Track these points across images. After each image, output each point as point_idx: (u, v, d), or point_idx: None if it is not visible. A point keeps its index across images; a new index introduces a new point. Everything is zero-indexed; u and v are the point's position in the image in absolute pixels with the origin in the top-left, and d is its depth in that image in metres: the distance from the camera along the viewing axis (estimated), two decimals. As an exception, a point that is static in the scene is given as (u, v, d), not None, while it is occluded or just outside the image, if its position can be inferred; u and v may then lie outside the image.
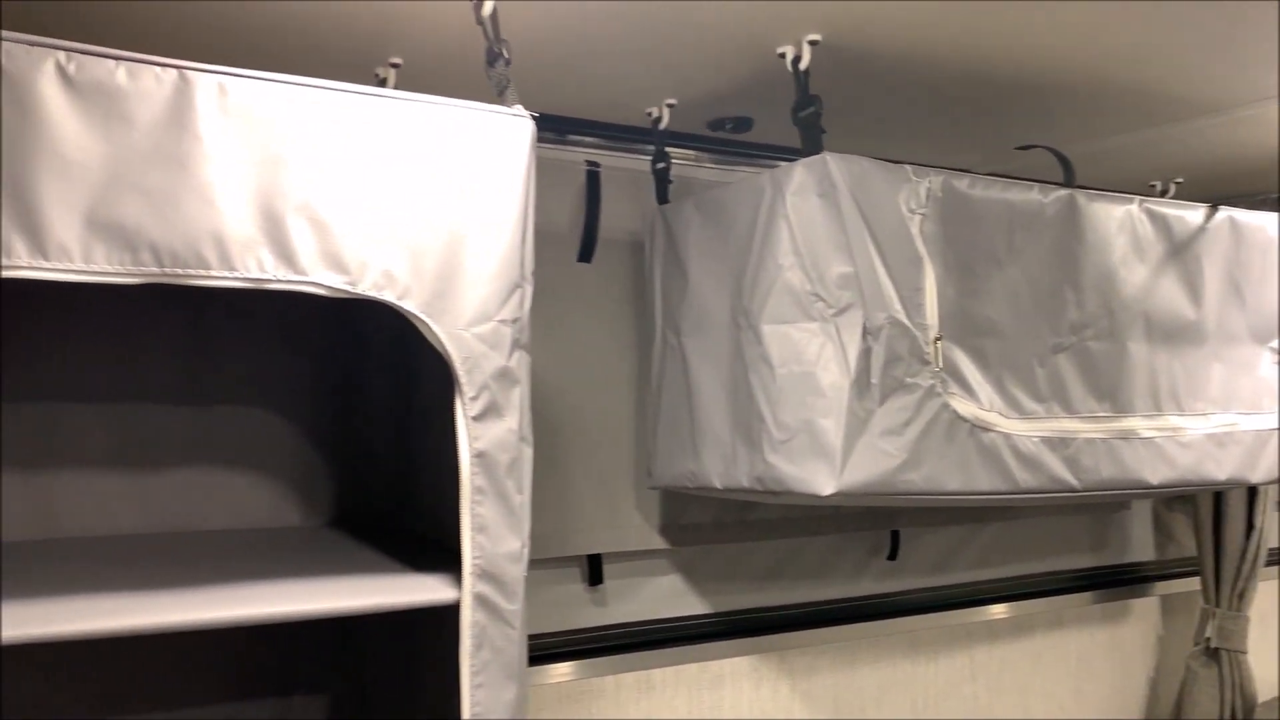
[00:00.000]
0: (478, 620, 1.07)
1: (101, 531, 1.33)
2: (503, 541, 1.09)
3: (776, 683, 1.91)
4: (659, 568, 1.82)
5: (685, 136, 1.79)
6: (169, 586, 1.03)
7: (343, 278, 1.01)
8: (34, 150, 0.88)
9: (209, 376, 1.40)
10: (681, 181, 1.75)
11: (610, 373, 1.75)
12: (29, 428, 1.30)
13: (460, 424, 1.07)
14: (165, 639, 1.34)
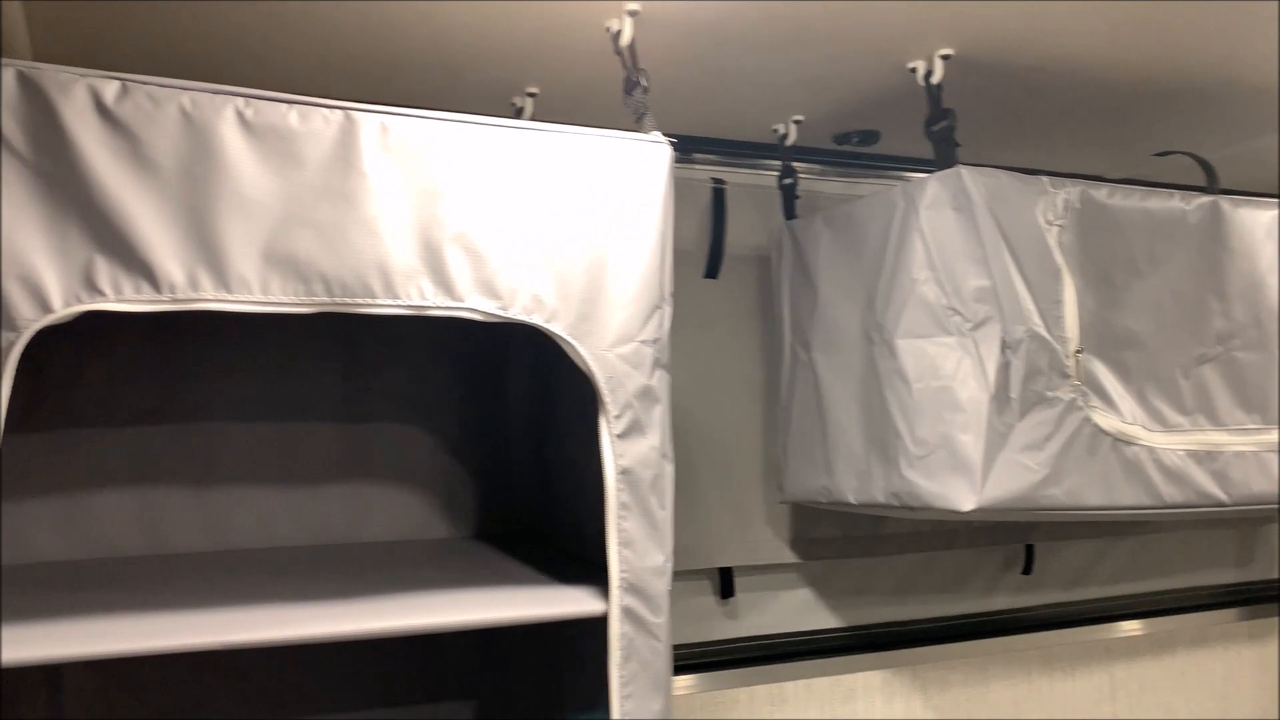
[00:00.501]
0: (625, 632, 1.10)
1: (264, 544, 1.41)
2: (648, 556, 1.12)
3: (909, 697, 1.90)
4: (789, 581, 1.83)
5: (811, 151, 1.79)
6: (333, 598, 1.09)
7: (495, 303, 1.06)
8: (217, 190, 0.95)
9: (361, 396, 1.47)
10: (807, 196, 1.76)
11: (738, 387, 1.77)
12: (198, 446, 1.38)
13: (605, 442, 1.10)
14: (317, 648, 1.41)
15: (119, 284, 0.91)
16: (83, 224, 0.90)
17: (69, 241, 0.90)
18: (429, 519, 1.50)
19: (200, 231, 0.94)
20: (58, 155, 0.90)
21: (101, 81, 0.92)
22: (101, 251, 0.91)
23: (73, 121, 0.91)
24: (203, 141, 0.95)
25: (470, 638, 1.50)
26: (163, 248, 0.92)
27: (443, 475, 1.51)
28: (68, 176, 0.90)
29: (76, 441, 1.31)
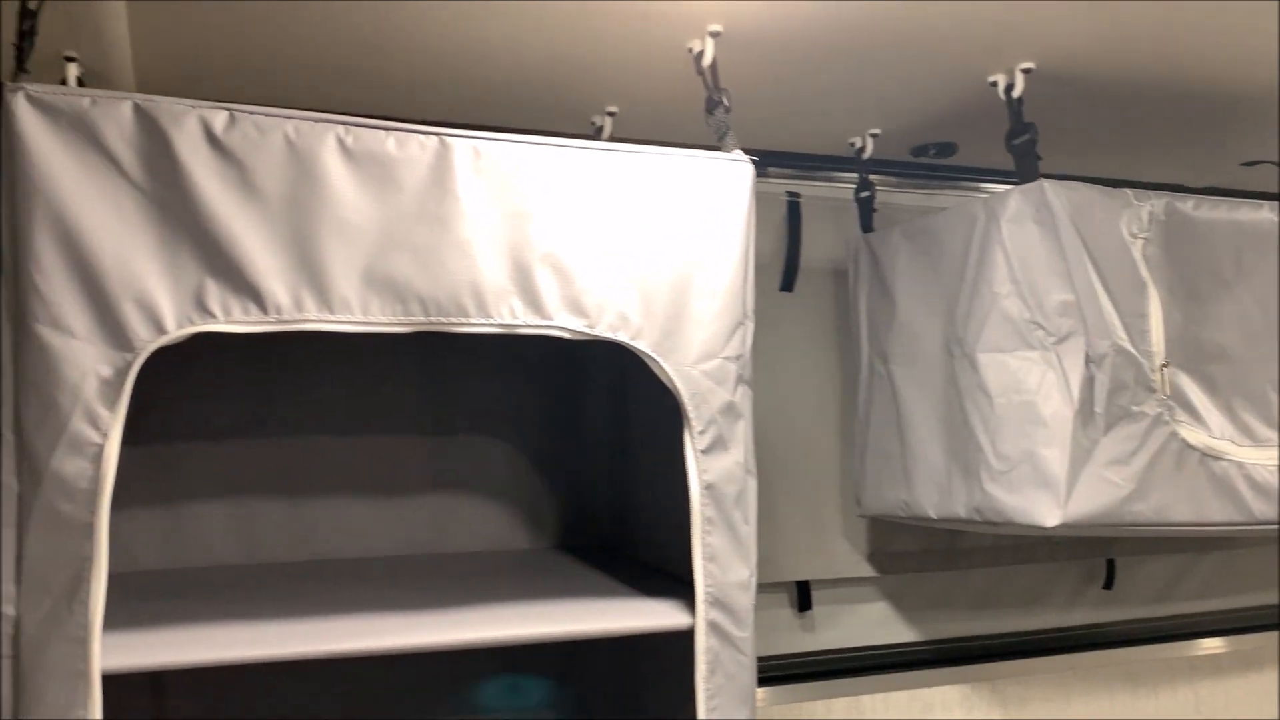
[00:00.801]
0: (711, 646, 1.11)
1: (353, 554, 1.44)
2: (732, 570, 1.13)
3: (988, 712, 1.88)
4: (866, 595, 1.83)
5: (888, 163, 1.79)
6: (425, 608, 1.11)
7: (583, 321, 1.08)
8: (319, 215, 0.99)
9: (447, 410, 1.50)
10: (883, 208, 1.76)
11: (815, 400, 1.77)
12: (289, 459, 1.42)
13: (689, 457, 1.12)
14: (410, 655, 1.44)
15: (228, 306, 0.95)
16: (194, 249, 0.94)
17: (181, 266, 0.94)
18: (511, 530, 1.53)
19: (304, 255, 0.98)
20: (171, 183, 0.95)
21: (211, 112, 0.96)
22: (212, 275, 0.95)
23: (185, 151, 0.95)
24: (306, 168, 0.99)
25: (555, 649, 1.52)
26: (269, 271, 0.96)
27: (524, 488, 1.54)
28: (180, 203, 0.95)
29: (176, 455, 1.37)
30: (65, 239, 0.91)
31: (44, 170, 0.91)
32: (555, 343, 1.51)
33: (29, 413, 0.91)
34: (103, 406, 0.91)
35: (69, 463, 0.90)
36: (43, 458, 0.90)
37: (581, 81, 1.42)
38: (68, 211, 0.91)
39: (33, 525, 0.90)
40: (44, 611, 0.90)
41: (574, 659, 1.53)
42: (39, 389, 0.90)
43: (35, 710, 0.89)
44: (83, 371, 0.90)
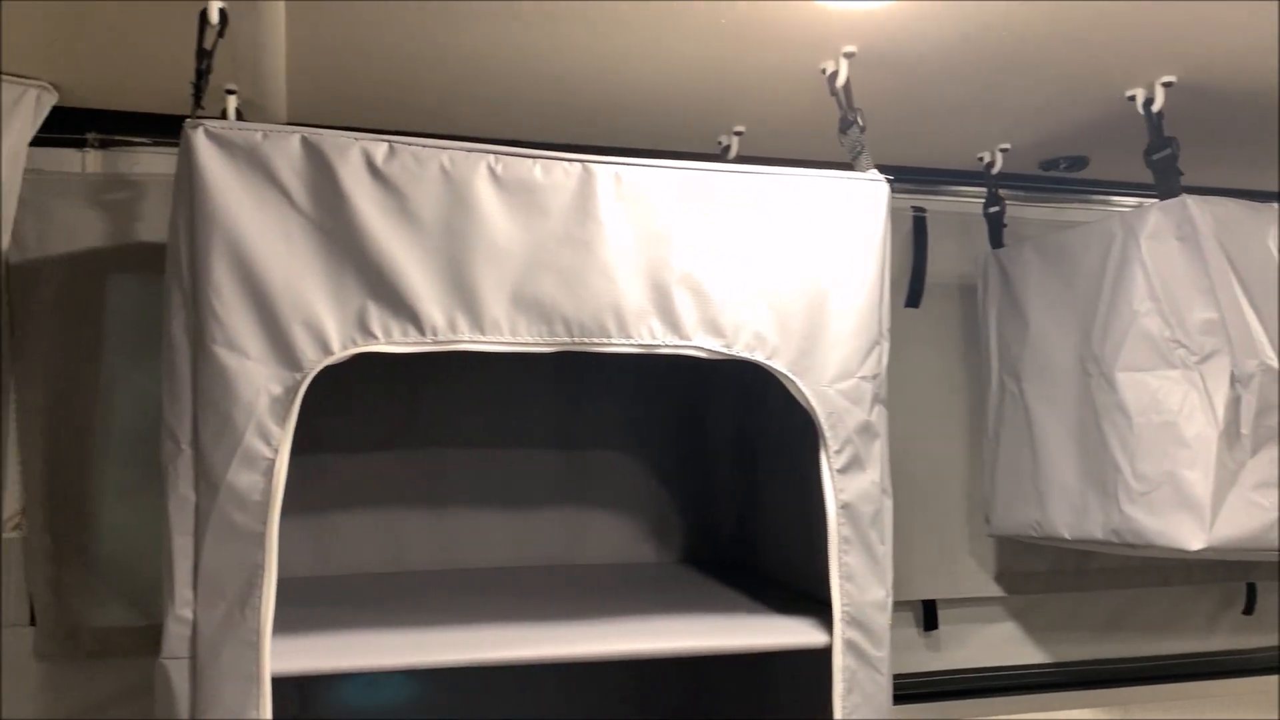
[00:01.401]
0: (848, 665, 1.12)
1: (490, 563, 1.49)
2: (869, 590, 1.13)
3: (1120, 739, 1.84)
4: (993, 615, 1.80)
5: (1016, 177, 1.77)
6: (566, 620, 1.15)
7: (719, 341, 1.10)
8: (472, 240, 1.03)
9: (577, 426, 1.54)
10: (1011, 223, 1.74)
11: (941, 417, 1.76)
12: (430, 472, 1.48)
13: (825, 476, 1.13)
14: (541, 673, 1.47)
15: (389, 328, 1.00)
16: (357, 274, 0.99)
17: (345, 290, 0.99)
18: (638, 544, 1.55)
19: (457, 278, 1.02)
20: (336, 212, 1.00)
21: (373, 144, 1.01)
22: (373, 298, 1.00)
23: (349, 181, 1.00)
24: (459, 196, 1.03)
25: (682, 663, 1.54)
26: (426, 294, 1.00)
27: (653, 502, 1.57)
28: (344, 231, 1.00)
29: (325, 467, 1.43)
30: (240, 265, 0.97)
31: (220, 201, 0.97)
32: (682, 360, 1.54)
33: (206, 429, 0.97)
34: (274, 423, 0.96)
35: (243, 476, 0.95)
36: (219, 471, 0.96)
37: (710, 103, 1.44)
38: (242, 239, 0.97)
39: (209, 535, 0.96)
40: (219, 616, 0.95)
41: (701, 673, 1.55)
42: (216, 406, 0.96)
43: (211, 710, 0.94)
44: (256, 390, 0.96)
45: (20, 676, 1.37)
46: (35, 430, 1.37)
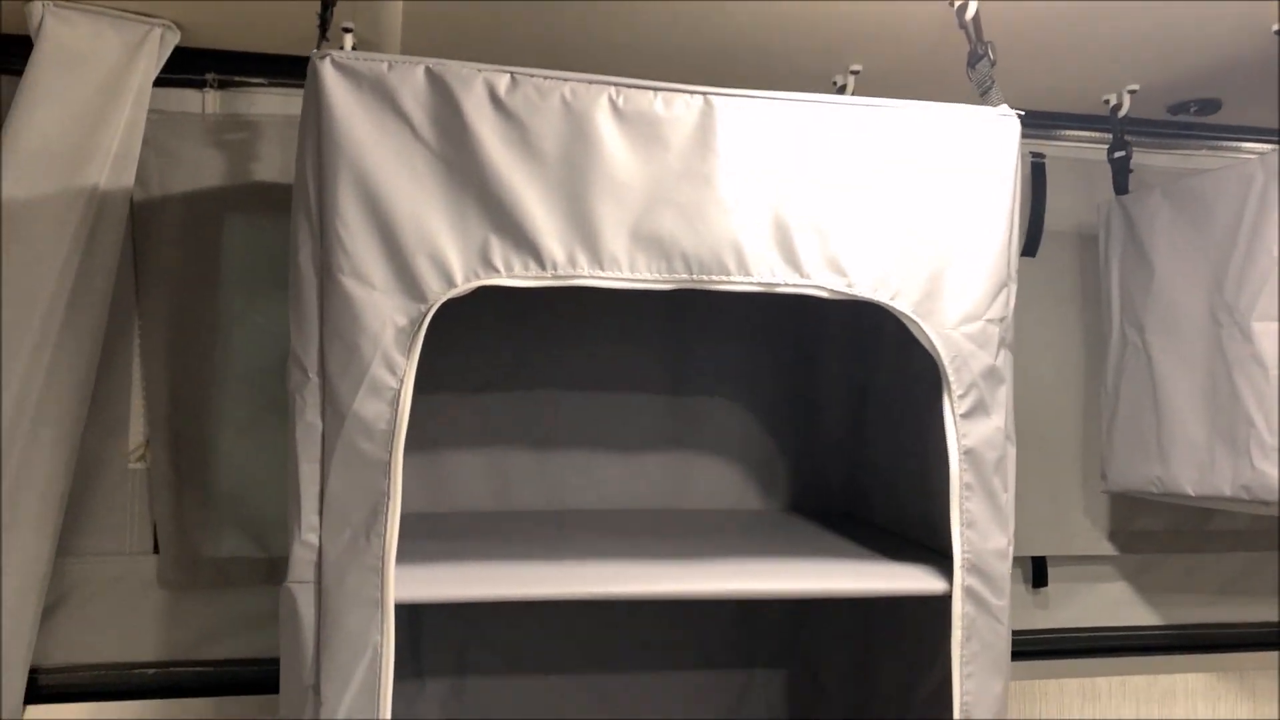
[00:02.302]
0: (968, 613, 1.09)
1: (592, 505, 1.49)
2: (990, 538, 1.11)
3: (1235, 704, 1.78)
4: (1105, 574, 1.75)
5: (1142, 122, 1.69)
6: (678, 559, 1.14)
7: (841, 281, 1.07)
8: (592, 174, 1.01)
9: (684, 371, 1.52)
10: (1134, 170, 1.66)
11: (1056, 370, 1.70)
12: (538, 414, 1.48)
13: (948, 421, 1.10)
14: (649, 608, 1.48)
15: (510, 262, 0.99)
16: (479, 206, 0.99)
17: (468, 222, 0.99)
18: (745, 490, 1.54)
19: (577, 213, 1.01)
20: (459, 143, 0.99)
21: (495, 75, 1.00)
22: (495, 232, 0.99)
23: (472, 112, 0.99)
24: (580, 128, 1.01)
25: (785, 609, 1.53)
26: (546, 228, 1.00)
27: (758, 449, 1.55)
28: (467, 163, 0.99)
29: (436, 406, 1.44)
30: (366, 196, 0.97)
31: (346, 131, 0.98)
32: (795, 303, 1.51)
33: (333, 359, 0.98)
34: (399, 353, 0.97)
35: (369, 405, 0.96)
36: (345, 400, 0.97)
37: (826, 41, 1.40)
38: (367, 170, 0.97)
39: (335, 462, 0.97)
40: (344, 542, 0.97)
41: (807, 621, 1.54)
42: (343, 336, 0.97)
43: (335, 634, 0.96)
44: (382, 320, 0.97)
45: (143, 603, 1.42)
46: (158, 365, 1.41)
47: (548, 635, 1.46)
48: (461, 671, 1.44)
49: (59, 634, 1.39)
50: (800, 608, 1.53)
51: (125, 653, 1.41)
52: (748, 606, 1.51)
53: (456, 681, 1.43)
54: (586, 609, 1.46)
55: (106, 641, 1.41)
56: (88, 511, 1.40)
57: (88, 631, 1.40)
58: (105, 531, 1.41)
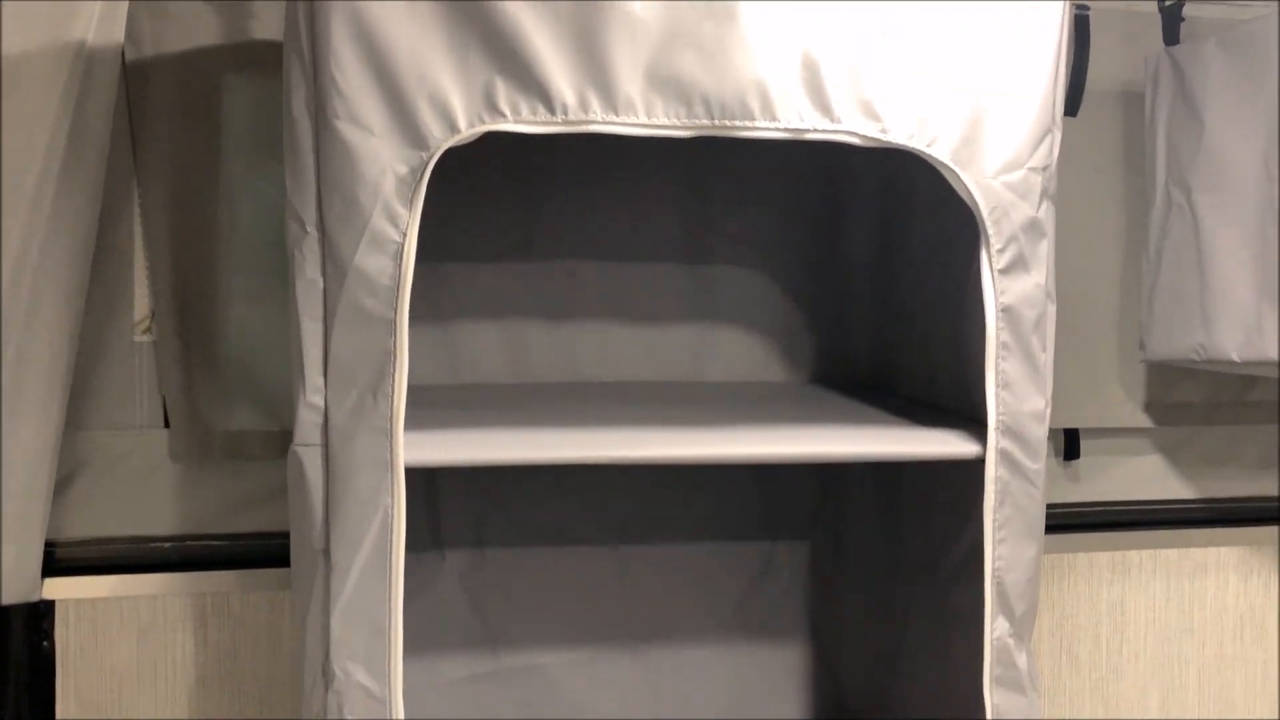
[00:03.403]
0: (1001, 476, 1.05)
1: (611, 377, 1.45)
2: (1027, 399, 1.06)
3: (1268, 579, 1.75)
4: (1139, 447, 1.70)
5: (1196, -32, 1.58)
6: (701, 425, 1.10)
7: (875, 126, 1.00)
8: (606, 10, 0.94)
9: (705, 238, 1.46)
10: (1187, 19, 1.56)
11: (1094, 234, 1.62)
12: (554, 283, 1.43)
13: (985, 277, 1.04)
14: (670, 480, 1.45)
15: (516, 105, 0.93)
16: (483, 45, 0.92)
17: (471, 64, 0.92)
18: (768, 362, 1.49)
19: (589, 52, 0.94)
20: (459, -24, 0.92)
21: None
22: (500, 73, 0.92)
23: (474, -58, 0.91)
24: (590, -40, 0.94)
25: (809, 481, 1.50)
26: (556, 69, 0.93)
27: (781, 320, 1.50)
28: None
29: (448, 275, 1.39)
30: (361, 34, 0.90)
31: (338, -36, 0.90)
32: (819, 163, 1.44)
33: (331, 211, 0.92)
34: (401, 205, 0.91)
35: (371, 259, 0.91)
36: (346, 254, 0.92)
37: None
38: (363, 7, 0.90)
39: (338, 320, 0.93)
40: (351, 403, 0.93)
41: (830, 493, 1.50)
42: (340, 187, 0.91)
43: (345, 497, 0.93)
44: (381, 168, 0.91)
45: (156, 477, 1.40)
46: (160, 233, 1.36)
47: (568, 507, 1.43)
48: (481, 544, 1.42)
49: (74, 508, 1.37)
50: (825, 480, 1.50)
51: (141, 527, 1.40)
52: (771, 478, 1.48)
53: (476, 554, 1.41)
54: (606, 481, 1.43)
55: (121, 516, 1.39)
56: (95, 385, 1.37)
57: (102, 506, 1.38)
58: (114, 406, 1.38)
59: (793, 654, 1.51)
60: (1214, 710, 1.73)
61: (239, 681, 1.38)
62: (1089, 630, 1.67)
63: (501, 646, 1.42)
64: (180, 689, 1.37)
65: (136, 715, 1.36)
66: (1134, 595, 1.68)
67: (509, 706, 1.41)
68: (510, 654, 1.42)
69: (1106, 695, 1.68)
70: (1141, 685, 1.69)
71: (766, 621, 1.50)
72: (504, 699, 1.41)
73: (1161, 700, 1.70)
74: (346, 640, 0.93)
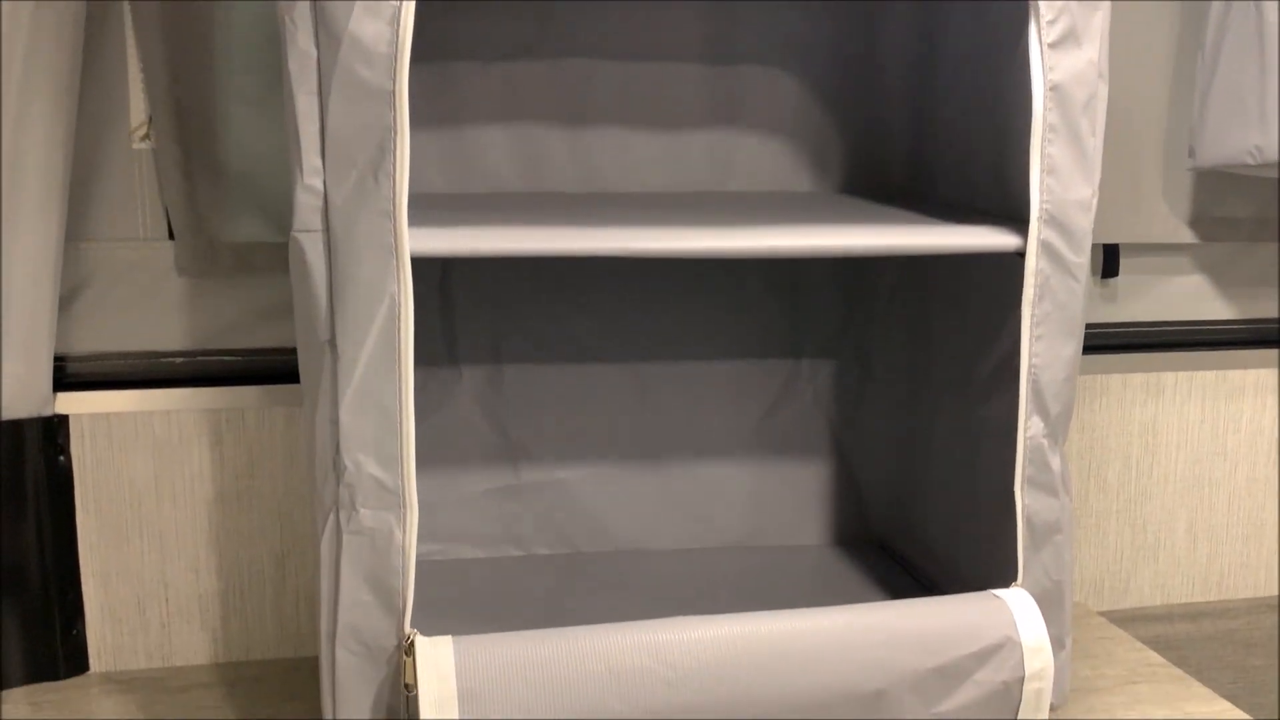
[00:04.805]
0: (1042, 269, 0.99)
1: (629, 187, 1.38)
2: (1073, 187, 0.99)
3: (1307, 402, 1.70)
4: (1181, 265, 1.64)
5: None
6: (726, 225, 1.04)
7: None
8: None
9: (730, 36, 1.37)
10: None
11: (1142, 34, 1.52)
12: (568, 84, 1.35)
13: (1033, 51, 0.96)
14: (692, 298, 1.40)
15: None
16: None
17: None
18: (795, 171, 1.42)
19: None
20: None
21: None
22: None
23: None
24: None
25: (833, 297, 1.45)
26: None
27: (810, 125, 1.41)
28: None
29: (456, 76, 1.31)
30: None
31: None
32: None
33: (323, -29, 0.85)
34: (397, -38, 0.84)
35: (366, 25, 0.84)
36: (339, 20, 0.85)
37: None
38: None
39: (334, 94, 0.86)
40: (350, 184, 0.87)
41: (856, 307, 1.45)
42: (332, -56, 0.84)
43: (349, 285, 0.89)
44: (375, -78, 0.83)
45: (164, 291, 1.36)
46: (153, 33, 1.29)
47: (587, 323, 1.39)
48: (498, 360, 1.38)
49: (82, 322, 1.35)
50: (851, 295, 1.45)
51: (151, 342, 1.37)
52: (795, 295, 1.43)
53: (494, 370, 1.38)
54: (627, 300, 1.39)
55: (130, 331, 1.36)
56: (95, 196, 1.32)
57: (110, 320, 1.35)
58: (116, 217, 1.34)
59: (814, 473, 1.49)
60: (1242, 533, 1.71)
61: (257, 497, 1.37)
62: (1119, 453, 1.63)
63: (521, 461, 1.40)
64: (199, 504, 1.36)
65: (157, 529, 1.36)
66: (1167, 417, 1.64)
67: (529, 520, 1.40)
68: (530, 469, 1.40)
69: (1134, 517, 1.66)
70: (1170, 508, 1.67)
71: (788, 440, 1.47)
72: (523, 512, 1.40)
73: (1189, 523, 1.68)
74: (356, 432, 0.90)
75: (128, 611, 1.37)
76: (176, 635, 1.38)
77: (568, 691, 0.85)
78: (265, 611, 1.40)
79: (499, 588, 1.32)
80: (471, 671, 0.85)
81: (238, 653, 1.40)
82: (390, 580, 0.91)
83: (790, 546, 1.47)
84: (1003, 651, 0.95)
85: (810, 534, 1.49)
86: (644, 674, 0.87)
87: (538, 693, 0.84)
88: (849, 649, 0.92)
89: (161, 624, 1.38)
